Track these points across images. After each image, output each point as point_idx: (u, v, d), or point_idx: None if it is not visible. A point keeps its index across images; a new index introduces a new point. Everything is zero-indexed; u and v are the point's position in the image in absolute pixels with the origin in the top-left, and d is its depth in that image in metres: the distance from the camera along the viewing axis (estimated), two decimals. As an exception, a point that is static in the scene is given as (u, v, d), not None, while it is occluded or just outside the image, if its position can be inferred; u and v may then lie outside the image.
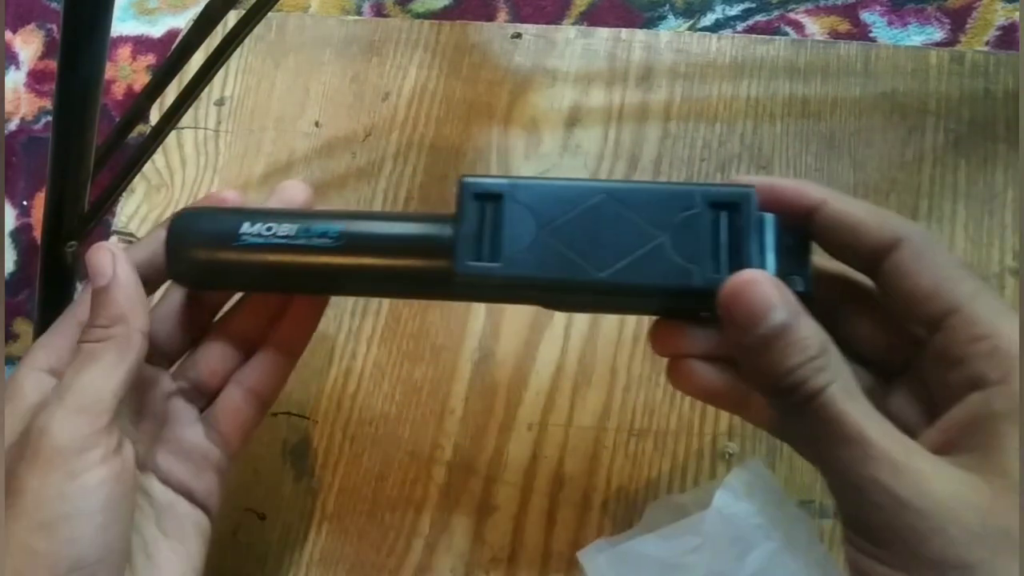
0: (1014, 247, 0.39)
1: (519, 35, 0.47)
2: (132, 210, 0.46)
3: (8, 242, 0.54)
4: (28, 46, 0.58)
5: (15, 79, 0.57)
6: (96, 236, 0.46)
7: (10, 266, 0.54)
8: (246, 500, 0.39)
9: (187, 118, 0.46)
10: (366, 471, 0.39)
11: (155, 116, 0.47)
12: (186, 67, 0.36)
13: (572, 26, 0.48)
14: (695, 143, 0.43)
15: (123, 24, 0.56)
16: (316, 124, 0.47)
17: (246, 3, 0.36)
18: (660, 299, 0.28)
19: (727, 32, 0.49)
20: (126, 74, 0.56)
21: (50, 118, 0.48)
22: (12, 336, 0.53)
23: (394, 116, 0.46)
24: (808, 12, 0.49)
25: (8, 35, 0.58)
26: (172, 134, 0.46)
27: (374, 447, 0.40)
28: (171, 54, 0.36)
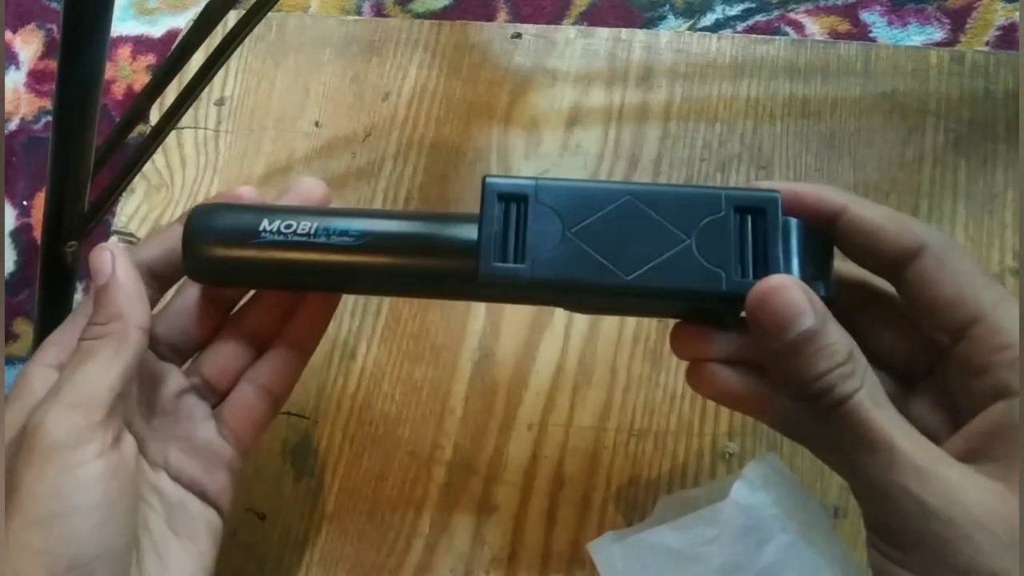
0: (1014, 247, 0.39)
1: (519, 35, 0.47)
2: (132, 210, 0.46)
3: (8, 242, 0.54)
4: (28, 46, 0.58)
5: (15, 79, 0.57)
6: (96, 236, 0.46)
7: (10, 266, 0.54)
8: (246, 500, 0.39)
9: (187, 118, 0.46)
10: (366, 471, 0.39)
11: (155, 116, 0.47)
12: (186, 67, 0.36)
13: (572, 26, 0.48)
14: (695, 143, 0.43)
15: (123, 24, 0.56)
16: (316, 124, 0.47)
17: (246, 3, 0.36)
18: (686, 303, 0.27)
19: (727, 32, 0.49)
20: (126, 74, 0.56)
21: (50, 118, 0.48)
22: (12, 336, 0.53)
23: (394, 116, 0.46)
24: (808, 12, 0.49)
25: (8, 35, 0.58)
26: (172, 134, 0.46)
27: (374, 447, 0.40)
28: (171, 54, 0.36)
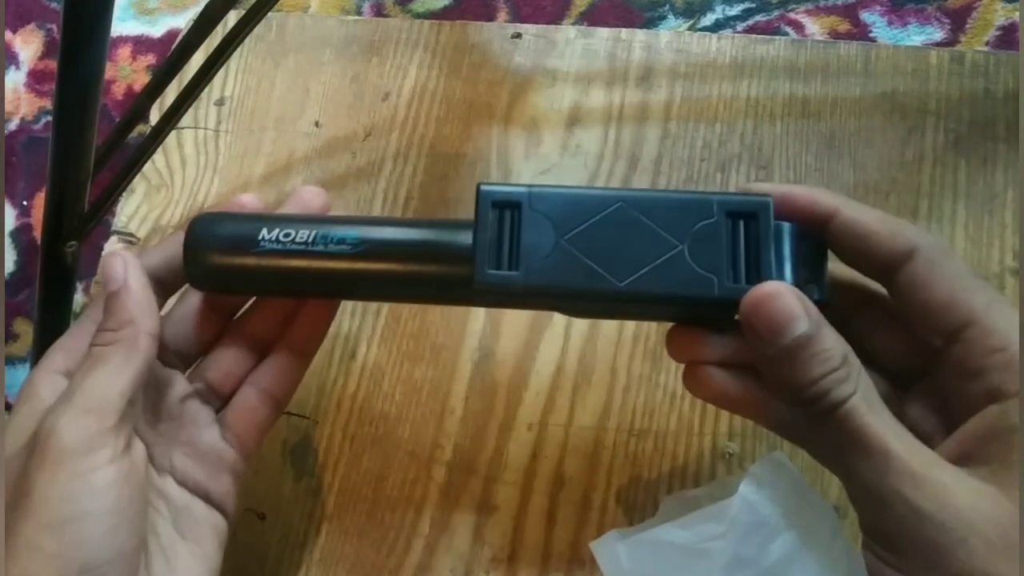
0: (1014, 247, 0.39)
1: (519, 35, 0.47)
2: (132, 210, 0.46)
3: (8, 242, 0.54)
4: (28, 46, 0.58)
5: (15, 79, 0.57)
6: (96, 236, 0.46)
7: (10, 266, 0.54)
8: (246, 500, 0.39)
9: (187, 118, 0.46)
10: (366, 471, 0.39)
11: (155, 116, 0.47)
12: (186, 67, 0.36)
13: (572, 26, 0.48)
14: (695, 143, 0.43)
15: (123, 24, 0.56)
16: (316, 124, 0.47)
17: (246, 3, 0.36)
18: (679, 308, 0.28)
19: (727, 32, 0.49)
20: (126, 74, 0.56)
21: (50, 118, 0.48)
22: (12, 336, 0.53)
23: (394, 116, 0.46)
24: (808, 12, 0.49)
25: (8, 35, 0.58)
26: (172, 134, 0.46)
27: (374, 447, 0.40)
28: (171, 54, 0.36)
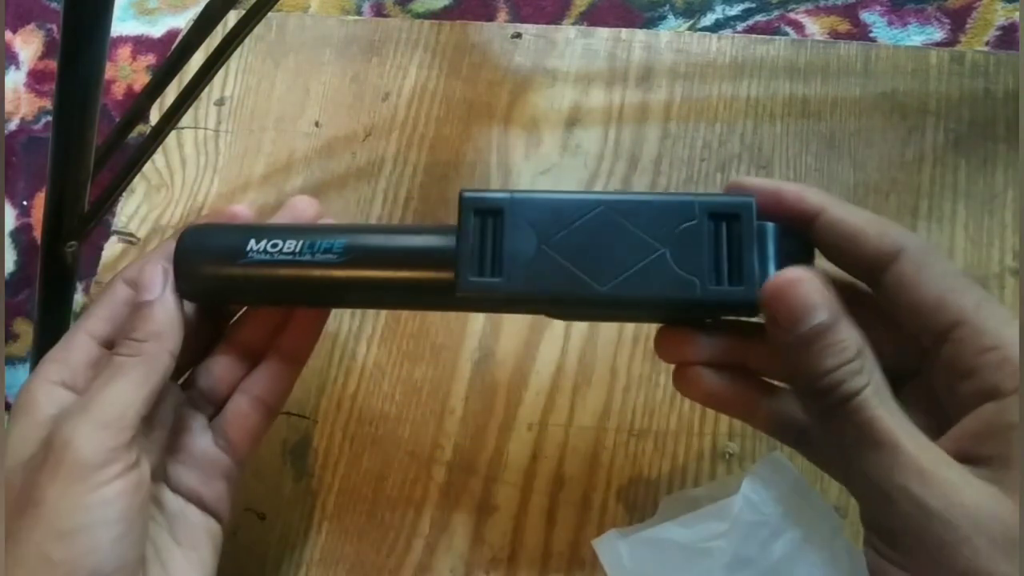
0: (1014, 247, 0.39)
1: (519, 35, 0.47)
2: (132, 210, 0.46)
3: (8, 242, 0.54)
4: (28, 46, 0.58)
5: (15, 79, 0.57)
6: (96, 236, 0.46)
7: (10, 266, 0.54)
8: (246, 500, 0.39)
9: (187, 118, 0.46)
10: (366, 471, 0.39)
11: (155, 116, 0.47)
12: (186, 67, 0.36)
13: (572, 26, 0.48)
14: (695, 143, 0.43)
15: (123, 24, 0.56)
16: (316, 124, 0.47)
17: (246, 3, 0.36)
18: (663, 311, 0.28)
19: (727, 32, 0.49)
20: (126, 74, 0.56)
21: (50, 118, 0.48)
22: (12, 336, 0.53)
23: (394, 116, 0.46)
24: (808, 12, 0.49)
25: (8, 35, 0.58)
26: (172, 134, 0.46)
27: (374, 447, 0.40)
28: (171, 54, 0.36)
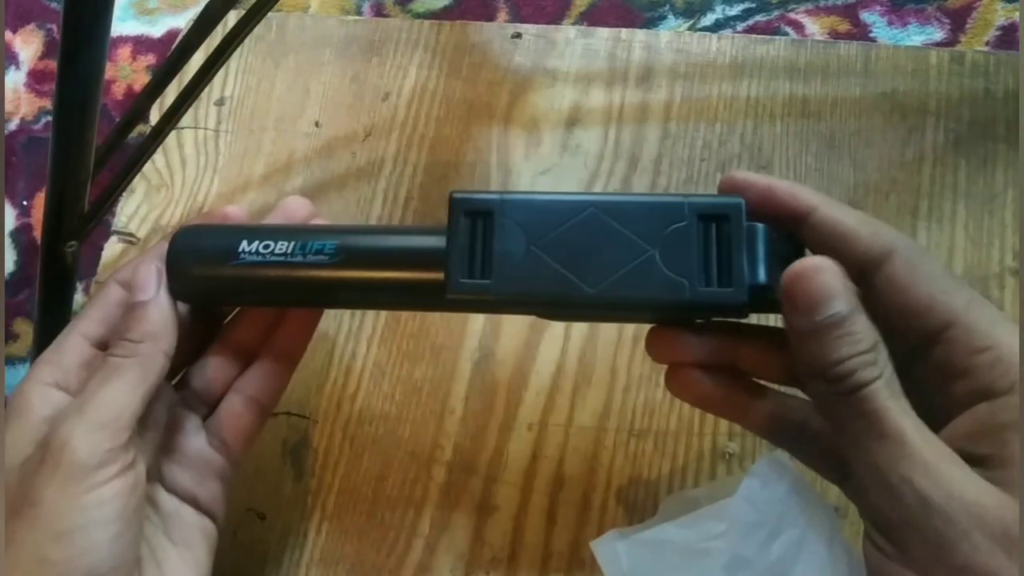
0: (1014, 247, 0.39)
1: (519, 35, 0.47)
2: (132, 210, 0.46)
3: (8, 242, 0.54)
4: (28, 46, 0.58)
5: (15, 79, 0.57)
6: (96, 236, 0.46)
7: (10, 266, 0.54)
8: (246, 500, 0.39)
9: (187, 118, 0.46)
10: (366, 471, 0.39)
11: (155, 116, 0.47)
12: (186, 67, 0.36)
13: (572, 26, 0.48)
14: (695, 143, 0.43)
15: (123, 24, 0.56)
16: (316, 124, 0.47)
17: (246, 3, 0.36)
18: (652, 312, 0.28)
19: (727, 32, 0.49)
20: (126, 74, 0.56)
21: (50, 118, 0.48)
22: (12, 336, 0.53)
23: (394, 116, 0.46)
24: (808, 12, 0.49)
25: (8, 35, 0.58)
26: (172, 134, 0.46)
27: (374, 447, 0.40)
28: (171, 54, 0.36)
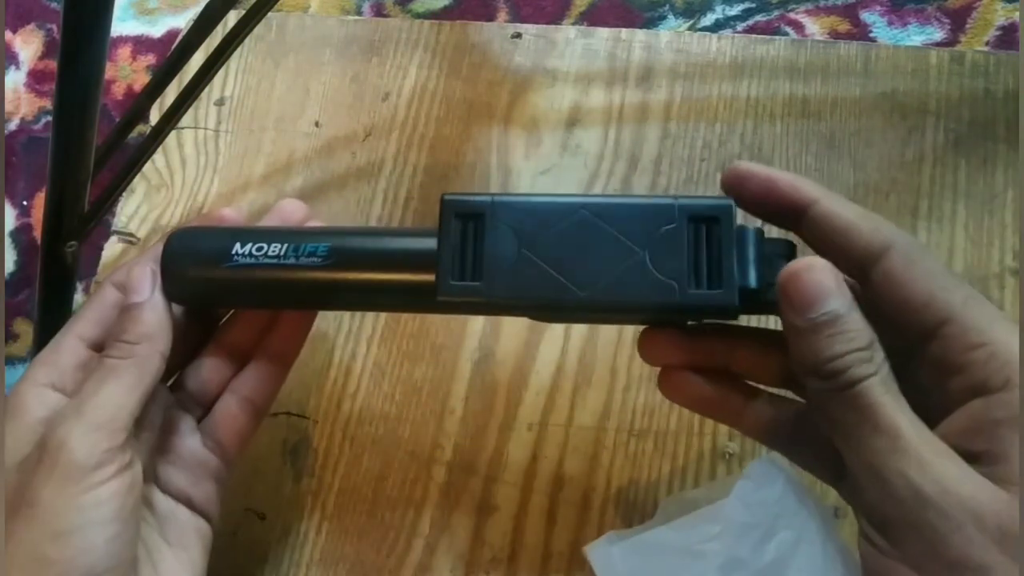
0: (1014, 247, 0.39)
1: (519, 35, 0.47)
2: (132, 210, 0.46)
3: (8, 242, 0.54)
4: (28, 46, 0.58)
5: (15, 79, 0.57)
6: (96, 236, 0.46)
7: (10, 266, 0.54)
8: (246, 500, 0.39)
9: (187, 118, 0.46)
10: (366, 471, 0.39)
11: (155, 116, 0.47)
12: (186, 67, 0.36)
13: (572, 26, 0.48)
14: (695, 143, 0.43)
15: (123, 24, 0.56)
16: (316, 124, 0.47)
17: (246, 3, 0.36)
18: (643, 314, 0.28)
19: (727, 32, 0.49)
20: (126, 74, 0.56)
21: (50, 118, 0.48)
22: (12, 336, 0.53)
23: (394, 116, 0.46)
24: (808, 12, 0.49)
25: (8, 35, 0.58)
26: (172, 134, 0.46)
27: (374, 447, 0.40)
28: (171, 54, 0.36)
